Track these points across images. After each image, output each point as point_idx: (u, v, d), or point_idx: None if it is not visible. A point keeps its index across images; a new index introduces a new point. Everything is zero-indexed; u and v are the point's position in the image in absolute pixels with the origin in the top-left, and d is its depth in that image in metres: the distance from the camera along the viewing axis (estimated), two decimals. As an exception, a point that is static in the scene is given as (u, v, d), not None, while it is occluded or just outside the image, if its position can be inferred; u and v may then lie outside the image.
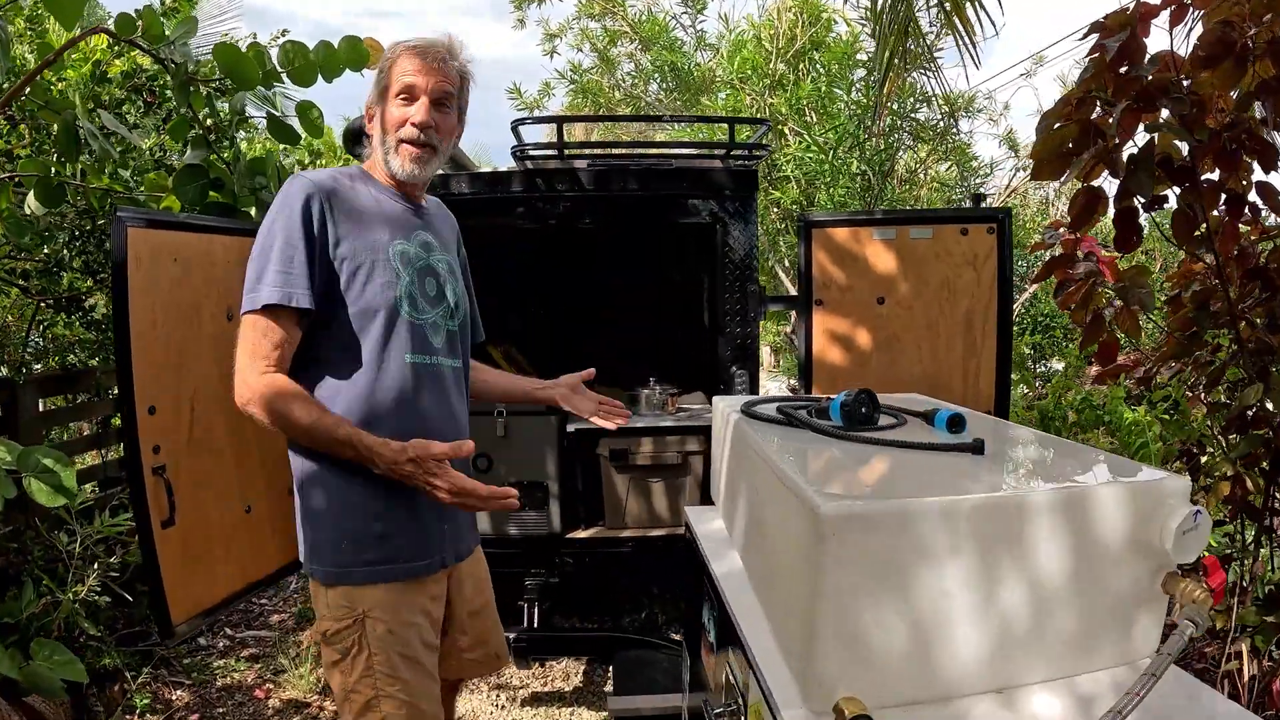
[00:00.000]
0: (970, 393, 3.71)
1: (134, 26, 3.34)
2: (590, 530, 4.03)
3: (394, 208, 2.02)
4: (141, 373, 2.77)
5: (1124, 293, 3.59)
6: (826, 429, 1.77)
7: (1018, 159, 10.87)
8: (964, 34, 4.79)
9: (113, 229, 2.71)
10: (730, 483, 2.05)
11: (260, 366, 1.79)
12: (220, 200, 3.57)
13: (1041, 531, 1.32)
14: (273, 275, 1.80)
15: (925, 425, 1.90)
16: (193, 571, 2.98)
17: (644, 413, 4.13)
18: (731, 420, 2.03)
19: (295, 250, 1.82)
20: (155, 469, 2.83)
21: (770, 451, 1.63)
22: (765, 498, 1.62)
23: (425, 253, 2.03)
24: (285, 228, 1.83)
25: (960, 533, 1.27)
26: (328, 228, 1.86)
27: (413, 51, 1.95)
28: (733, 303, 3.73)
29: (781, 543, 1.49)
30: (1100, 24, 3.43)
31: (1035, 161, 3.46)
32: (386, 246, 1.93)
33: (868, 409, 1.83)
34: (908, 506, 1.26)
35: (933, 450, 1.61)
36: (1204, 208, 3.40)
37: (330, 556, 1.90)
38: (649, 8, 10.60)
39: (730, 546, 2.02)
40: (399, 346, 1.92)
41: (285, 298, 1.80)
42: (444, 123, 2.00)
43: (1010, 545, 1.31)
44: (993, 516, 1.30)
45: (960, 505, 1.28)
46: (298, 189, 1.87)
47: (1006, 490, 1.39)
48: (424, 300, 1.98)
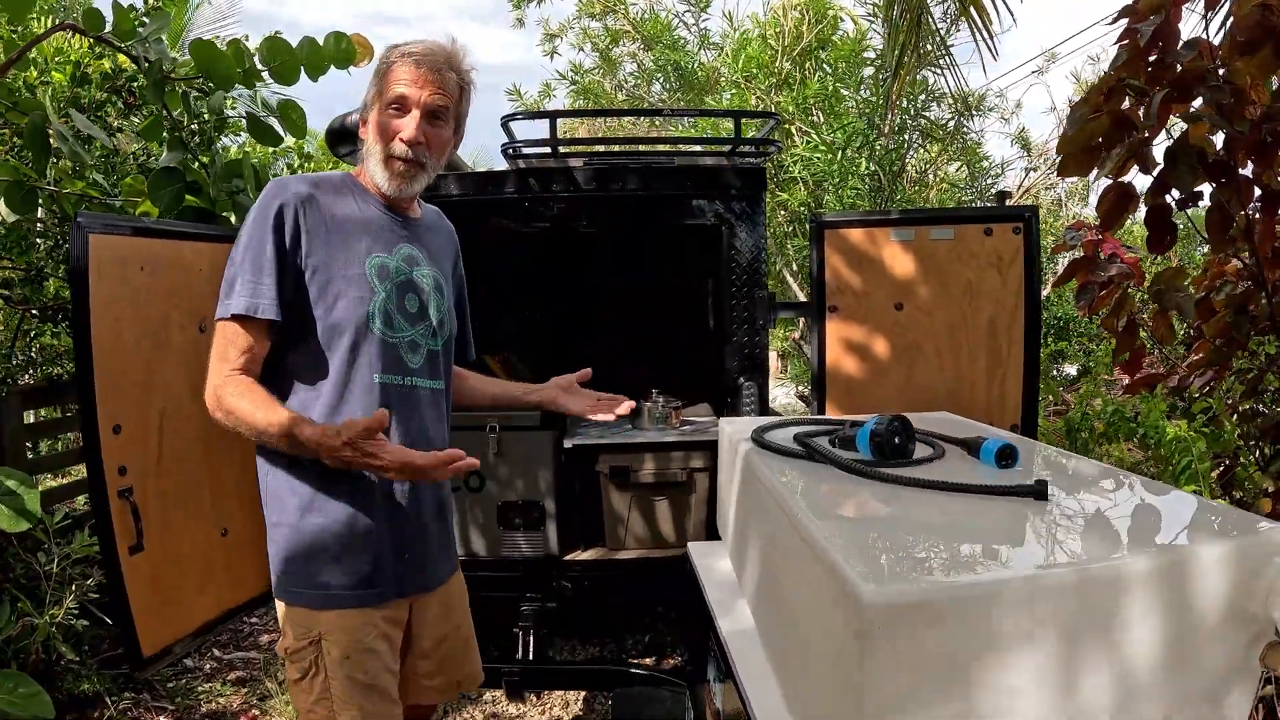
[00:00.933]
0: (995, 406, 3.49)
1: (102, 22, 3.16)
2: (589, 552, 3.81)
3: (378, 218, 1.95)
4: (105, 389, 2.62)
5: (1160, 297, 3.37)
6: (856, 466, 1.54)
7: (1029, 158, 10.66)
8: (980, 24, 4.58)
9: (71, 235, 2.53)
10: (740, 524, 1.82)
11: (224, 370, 1.79)
12: (198, 204, 3.39)
13: (1134, 607, 1.09)
14: (241, 284, 1.78)
15: (967, 456, 1.67)
16: (164, 600, 2.82)
17: (646, 427, 3.91)
18: (741, 450, 1.79)
19: (264, 260, 1.79)
20: (121, 491, 2.67)
21: (791, 502, 1.39)
22: (785, 557, 1.40)
23: (408, 266, 1.95)
24: (257, 236, 1.80)
25: (1039, 616, 1.05)
26: (300, 238, 1.82)
27: (410, 59, 1.88)
28: (740, 309, 3.52)
29: (808, 622, 1.26)
30: (1131, 8, 3.23)
31: (1062, 156, 3.26)
32: (363, 259, 1.87)
33: (901, 439, 1.60)
34: (975, 589, 1.02)
35: (988, 495, 1.37)
36: (1243, 204, 3.20)
37: (287, 573, 1.87)
38: (651, 6, 10.42)
39: (739, 595, 1.78)
40: (367, 365, 1.86)
41: (251, 308, 1.77)
42: (436, 138, 1.93)
43: (1095, 626, 1.09)
44: (1078, 594, 1.07)
45: (1041, 583, 1.04)
46: (271, 196, 1.83)
47: (1093, 560, 1.15)
48: (401, 317, 1.92)
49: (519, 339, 4.86)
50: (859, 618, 0.99)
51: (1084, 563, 1.14)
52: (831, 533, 1.24)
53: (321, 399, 1.83)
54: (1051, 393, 4.40)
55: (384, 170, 1.91)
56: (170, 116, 3.34)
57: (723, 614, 1.73)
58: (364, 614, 1.86)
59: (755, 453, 1.72)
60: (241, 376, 1.78)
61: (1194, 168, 3.03)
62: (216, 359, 1.81)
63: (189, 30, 6.19)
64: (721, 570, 1.96)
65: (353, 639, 1.83)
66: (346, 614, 1.84)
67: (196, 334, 2.91)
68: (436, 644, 2.06)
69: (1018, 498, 1.38)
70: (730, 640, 1.62)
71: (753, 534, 1.67)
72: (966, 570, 1.11)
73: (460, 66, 1.94)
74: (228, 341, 1.79)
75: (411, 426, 1.92)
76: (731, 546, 1.94)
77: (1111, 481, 1.59)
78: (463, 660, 2.17)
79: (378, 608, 1.88)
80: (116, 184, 4.08)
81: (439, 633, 2.06)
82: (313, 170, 7.20)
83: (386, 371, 1.87)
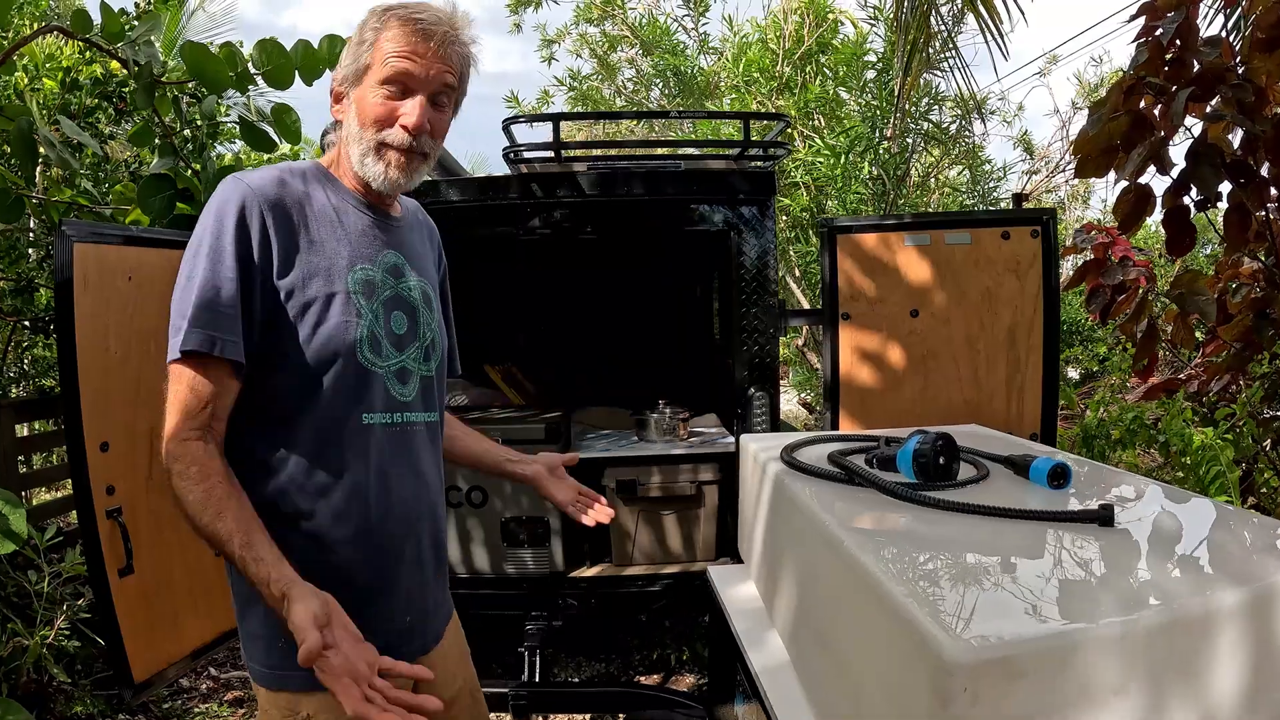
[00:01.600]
0: (1014, 416, 3.38)
1: (89, 24, 3.06)
2: (596, 568, 3.70)
3: (358, 221, 1.59)
4: (91, 405, 2.52)
5: (1181, 300, 3.28)
6: (903, 491, 1.41)
7: (1031, 161, 10.59)
8: (990, 24, 4.49)
9: (55, 244, 2.43)
10: (771, 550, 1.69)
11: (182, 431, 1.40)
12: (189, 212, 3.29)
13: (1222, 644, 0.99)
14: (197, 312, 1.39)
15: (1014, 475, 1.56)
16: (156, 623, 2.72)
17: (653, 438, 3.80)
18: (770, 470, 1.67)
19: (226, 281, 1.41)
20: (110, 512, 2.57)
21: (845, 537, 1.25)
22: (837, 596, 1.27)
23: (394, 279, 1.62)
24: (216, 249, 1.42)
25: (1128, 662, 0.94)
26: (271, 250, 1.46)
27: (410, 26, 1.50)
28: (750, 318, 3.41)
29: (869, 669, 1.14)
30: (1150, 6, 3.14)
31: (1080, 158, 3.17)
32: (345, 274, 1.52)
33: (946, 459, 1.49)
34: (1063, 639, 0.91)
35: (1052, 521, 1.26)
36: (1261, 204, 3.11)
37: (265, 656, 1.54)
38: (650, 11, 10.34)
39: (768, 625, 1.66)
40: (358, 405, 1.53)
41: (208, 343, 1.39)
42: (439, 124, 1.58)
43: (1183, 667, 0.98)
44: (1167, 636, 0.97)
45: (1132, 628, 0.93)
46: (233, 197, 1.45)
47: (1180, 599, 1.04)
48: (389, 342, 1.58)
49: (521, 349, 4.76)
50: (941, 678, 0.88)
51: (1171, 602, 1.03)
52: (895, 575, 1.12)
53: (299, 445, 1.50)
54: (1066, 398, 4.30)
55: (376, 161, 1.54)
56: (161, 122, 3.24)
57: (752, 645, 1.60)
58: None
59: (787, 474, 1.60)
60: (198, 446, 1.39)
61: (1217, 168, 2.95)
62: (170, 412, 1.42)
63: (182, 37, 6.09)
64: (746, 596, 1.84)
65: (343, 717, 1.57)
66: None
67: (188, 346, 2.80)
68: (447, 706, 1.70)
69: (1082, 523, 1.26)
70: (763, 675, 1.50)
71: (788, 563, 1.55)
72: (1051, 618, 1.00)
73: (465, 38, 1.58)
74: (186, 389, 1.40)
75: (408, 471, 1.62)
76: (758, 572, 1.82)
77: (1171, 501, 1.49)
78: (474, 713, 1.91)
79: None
80: (107, 192, 3.99)
81: (449, 693, 1.78)
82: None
83: (376, 410, 1.56)
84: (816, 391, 9.15)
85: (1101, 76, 10.62)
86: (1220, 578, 1.12)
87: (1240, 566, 1.17)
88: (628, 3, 10.30)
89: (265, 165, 1.61)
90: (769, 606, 1.73)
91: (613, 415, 4.34)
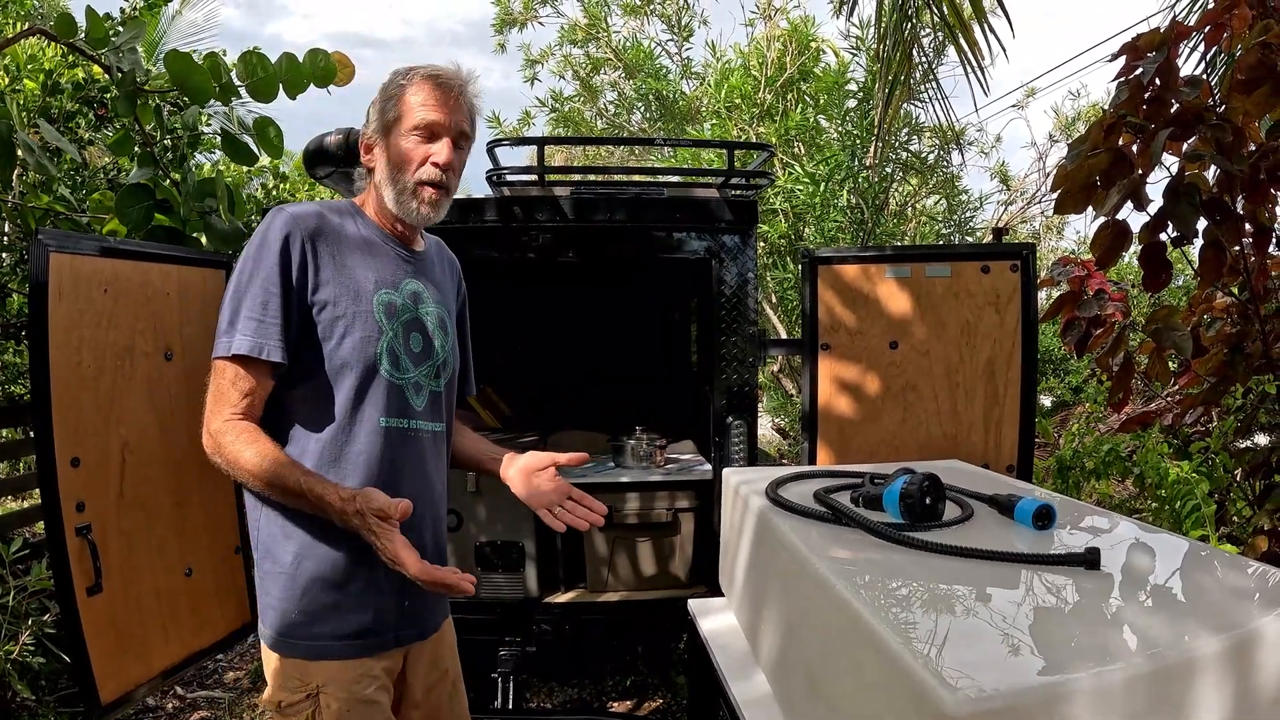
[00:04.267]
0: (992, 448, 3.39)
1: (74, 28, 3.02)
2: (570, 594, 3.66)
3: (384, 252, 1.85)
4: (63, 419, 2.47)
5: (1158, 335, 3.31)
6: (889, 533, 1.42)
7: (1008, 192, 10.71)
8: (971, 57, 4.53)
9: (31, 252, 2.38)
10: (754, 586, 1.69)
11: (224, 413, 1.67)
12: (167, 223, 3.24)
13: (1210, 689, 1.01)
14: (245, 321, 1.67)
15: (999, 515, 1.56)
16: (125, 643, 2.67)
17: (630, 465, 3.78)
18: (754, 506, 1.66)
19: (271, 295, 1.67)
20: (79, 529, 2.52)
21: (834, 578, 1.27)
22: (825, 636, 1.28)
23: (413, 304, 1.86)
24: (264, 267, 1.68)
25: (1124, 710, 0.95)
26: (308, 271, 1.72)
27: (431, 82, 1.78)
28: (730, 346, 3.41)
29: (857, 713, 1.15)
30: (1132, 45, 3.20)
31: (1060, 193, 3.20)
32: (371, 296, 1.77)
33: (932, 499, 1.49)
34: (1064, 688, 0.91)
35: (1039, 564, 1.27)
36: (1237, 240, 3.17)
37: (282, 624, 1.75)
38: (634, 34, 10.38)
39: (751, 661, 1.65)
40: (373, 408, 1.76)
41: (256, 349, 1.66)
42: (460, 163, 1.86)
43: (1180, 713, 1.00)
44: (1166, 682, 0.98)
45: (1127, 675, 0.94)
46: (279, 225, 1.71)
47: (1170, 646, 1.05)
48: (407, 357, 1.82)
49: (500, 373, 4.72)
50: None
51: (1164, 649, 1.04)
52: (889, 621, 1.12)
53: (323, 442, 1.74)
54: (1041, 429, 4.34)
55: (411, 199, 1.80)
56: (142, 130, 3.20)
57: (735, 679, 1.60)
58: (363, 664, 1.76)
59: (773, 511, 1.59)
60: (243, 423, 1.67)
61: (1195, 206, 2.99)
62: (215, 400, 1.68)
63: (164, 43, 6.03)
64: (727, 630, 1.83)
65: (351, 691, 1.74)
66: (345, 665, 1.74)
67: (162, 362, 2.76)
68: (427, 692, 1.97)
69: (1069, 566, 1.27)
70: (746, 709, 1.49)
71: (773, 600, 1.54)
72: (1047, 667, 1.01)
73: (474, 91, 1.86)
74: (228, 383, 1.68)
75: (414, 471, 1.84)
76: (740, 606, 1.81)
77: (1154, 543, 1.51)
78: (452, 707, 2.07)
79: (377, 658, 1.79)
80: (84, 199, 3.93)
81: (430, 680, 1.97)
82: (288, 190, 7.04)
83: (391, 415, 1.78)
84: (792, 418, 9.18)
85: (1079, 110, 10.78)
86: (1209, 623, 1.14)
87: (1226, 611, 1.18)
88: (612, 26, 10.34)
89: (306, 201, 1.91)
90: (752, 641, 1.73)
91: (589, 440, 4.32)
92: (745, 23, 9.74)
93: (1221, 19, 3.23)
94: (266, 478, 1.63)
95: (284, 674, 1.74)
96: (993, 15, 4.63)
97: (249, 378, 1.67)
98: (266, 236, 1.70)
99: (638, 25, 10.38)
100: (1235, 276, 3.36)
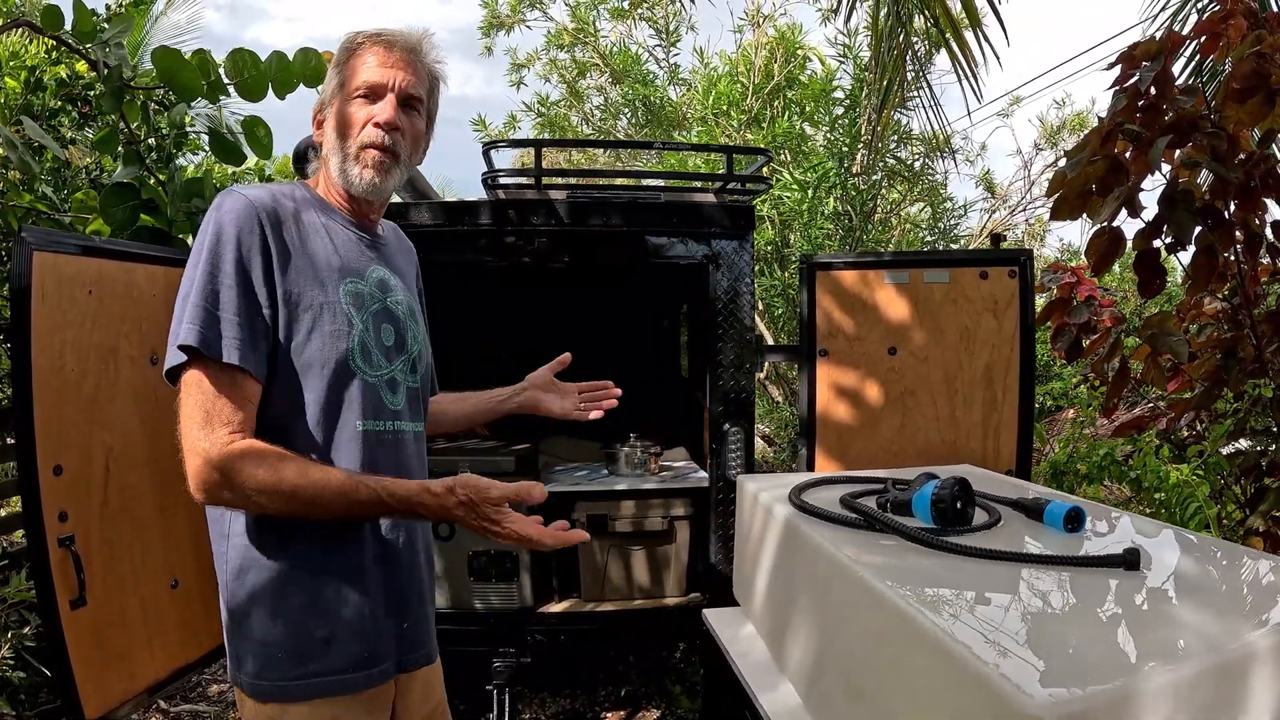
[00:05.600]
0: (991, 454, 3.37)
1: (61, 21, 2.95)
2: (565, 603, 3.60)
3: (345, 237, 1.66)
4: (46, 425, 2.38)
5: (1154, 340, 3.31)
6: (930, 539, 1.38)
7: (993, 199, 10.76)
8: (965, 65, 4.53)
9: (14, 251, 2.30)
10: (780, 595, 1.64)
11: (220, 435, 1.42)
12: (153, 224, 3.17)
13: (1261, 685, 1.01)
14: (229, 322, 1.45)
15: (1027, 519, 1.53)
16: (109, 658, 2.57)
17: (623, 472, 3.73)
18: (777, 514, 1.62)
19: (226, 290, 1.46)
20: (62, 540, 2.43)
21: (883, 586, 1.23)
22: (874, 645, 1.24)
23: (382, 293, 1.67)
24: (229, 258, 1.47)
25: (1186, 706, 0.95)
26: (271, 259, 1.51)
27: (377, 42, 1.62)
28: (726, 352, 3.36)
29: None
30: (1128, 54, 3.19)
31: (1057, 200, 3.19)
32: (337, 285, 1.57)
33: (963, 504, 1.45)
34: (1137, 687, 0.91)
35: (1081, 566, 1.24)
36: (1230, 246, 3.17)
37: (259, 669, 1.53)
38: (621, 40, 10.36)
39: (776, 671, 1.60)
40: (349, 412, 1.57)
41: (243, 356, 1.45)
42: (411, 127, 1.66)
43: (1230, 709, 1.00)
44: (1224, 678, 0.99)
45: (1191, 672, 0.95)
46: (232, 208, 1.50)
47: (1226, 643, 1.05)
48: (379, 352, 1.63)
49: (490, 378, 4.66)
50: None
51: (1219, 646, 1.05)
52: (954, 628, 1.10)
53: (297, 451, 1.50)
54: (1036, 434, 4.34)
55: (355, 165, 1.62)
56: (128, 128, 3.13)
57: (763, 692, 1.54)
58: (360, 700, 1.58)
59: (800, 519, 1.55)
60: (251, 440, 1.45)
61: (1192, 212, 3.00)
62: (201, 421, 1.43)
63: (148, 42, 5.94)
64: (749, 642, 1.77)
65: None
66: (335, 702, 1.55)
67: (148, 366, 2.68)
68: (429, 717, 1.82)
69: (1110, 568, 1.24)
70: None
71: (804, 609, 1.49)
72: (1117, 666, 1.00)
73: (431, 56, 1.70)
74: (214, 397, 1.43)
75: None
76: (763, 617, 1.76)
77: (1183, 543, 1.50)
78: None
79: (375, 690, 1.61)
80: (67, 198, 3.85)
81: (424, 711, 1.80)
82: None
83: (369, 417, 1.60)
84: (777, 425, 9.15)
85: (1064, 119, 10.84)
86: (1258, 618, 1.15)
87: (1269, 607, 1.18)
88: (600, 30, 10.31)
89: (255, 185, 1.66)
90: (775, 650, 1.68)
91: (581, 447, 4.27)
92: (733, 29, 9.76)
93: (1217, 29, 3.24)
94: (326, 495, 1.43)
95: (260, 717, 1.55)
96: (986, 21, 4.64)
97: (238, 387, 1.46)
98: (220, 222, 1.50)
99: (625, 30, 10.37)
100: (1225, 282, 3.37)
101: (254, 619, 1.53)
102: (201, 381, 1.43)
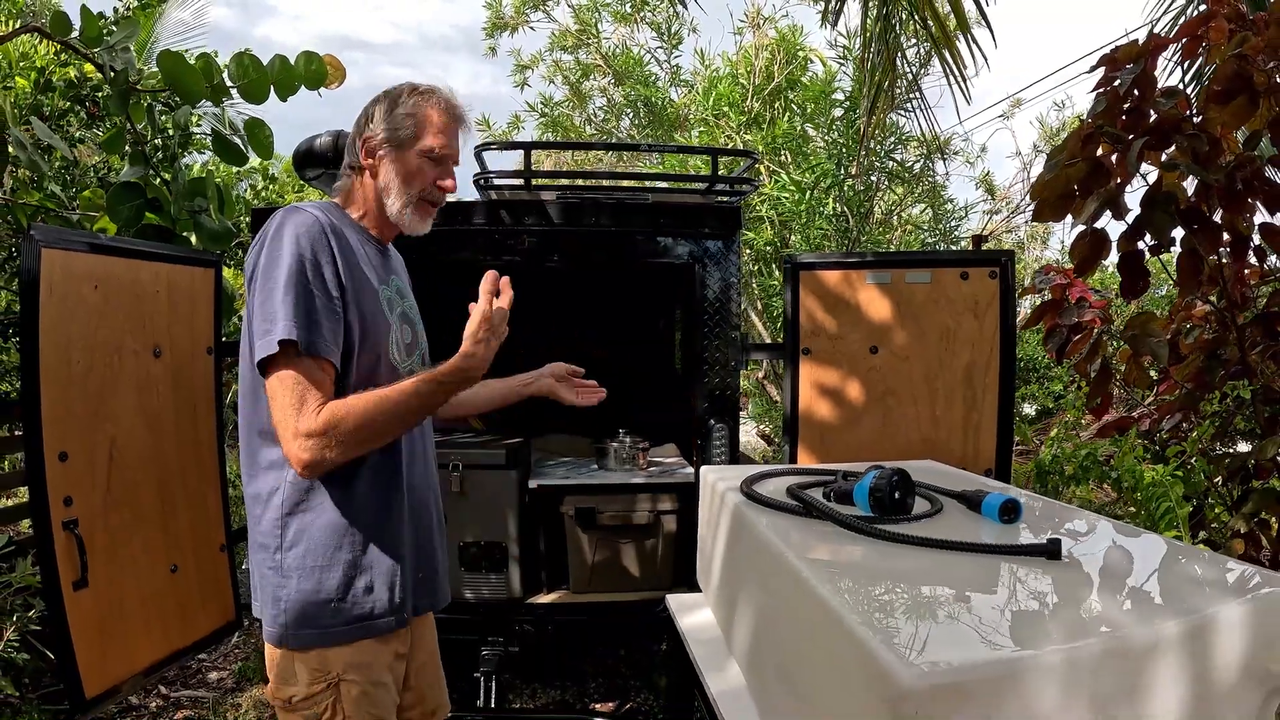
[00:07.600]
0: (970, 453, 3.44)
1: (69, 26, 3.05)
2: (553, 594, 3.70)
3: (373, 251, 1.91)
4: (52, 414, 2.49)
5: (1135, 342, 3.37)
6: (858, 525, 1.47)
7: (993, 202, 10.81)
8: (955, 69, 4.60)
9: (23, 248, 2.40)
10: (729, 579, 1.73)
11: (312, 408, 1.63)
12: (158, 222, 3.26)
13: (1160, 672, 1.05)
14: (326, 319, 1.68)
15: (967, 510, 1.61)
16: (109, 639, 2.68)
17: (612, 467, 3.82)
18: (729, 501, 1.71)
19: (325, 292, 1.69)
20: (66, 523, 2.53)
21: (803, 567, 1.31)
22: (795, 625, 1.32)
23: (400, 298, 1.96)
24: (311, 265, 1.68)
25: (1075, 688, 0.99)
26: (338, 266, 1.74)
27: (449, 111, 1.90)
28: (712, 350, 3.45)
29: (824, 696, 1.19)
30: (1110, 57, 3.26)
31: (1038, 202, 3.26)
32: (376, 290, 1.84)
33: (901, 494, 1.54)
34: (1015, 665, 0.96)
35: (1001, 554, 1.31)
36: (1213, 249, 3.22)
37: (297, 615, 1.73)
38: (624, 41, 10.44)
39: (726, 653, 1.69)
40: None
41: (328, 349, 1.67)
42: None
43: (1129, 695, 1.04)
44: (1110, 664, 1.02)
45: (1077, 655, 0.98)
46: (304, 223, 1.71)
47: (1122, 628, 1.10)
48: (404, 347, 1.91)
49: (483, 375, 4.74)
50: (896, 702, 0.93)
51: (1113, 631, 1.09)
52: (850, 604, 1.17)
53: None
54: (1021, 434, 4.40)
55: (414, 213, 1.89)
56: (134, 129, 3.22)
57: (710, 673, 1.64)
58: (381, 645, 1.79)
59: (746, 506, 1.64)
60: (332, 403, 1.64)
61: (1170, 214, 3.05)
62: (295, 408, 1.62)
63: (154, 41, 6.04)
64: (704, 624, 1.87)
65: (370, 674, 1.76)
66: (367, 647, 1.76)
67: (151, 360, 2.78)
68: (417, 672, 1.99)
69: (1031, 557, 1.32)
70: (721, 702, 1.53)
71: (746, 592, 1.58)
72: (998, 645, 1.05)
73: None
74: (310, 386, 1.63)
75: (421, 455, 1.94)
76: (716, 601, 1.85)
77: (1118, 536, 1.55)
78: (435, 688, 2.10)
79: (389, 637, 1.81)
80: (74, 197, 3.95)
81: (419, 660, 1.99)
82: (276, 192, 7.06)
83: None
84: (775, 424, 9.22)
85: (1064, 121, 10.89)
86: (1160, 609, 1.18)
87: (1180, 598, 1.22)
88: (602, 32, 10.40)
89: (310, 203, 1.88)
90: (727, 635, 1.77)
91: (572, 442, 4.35)
92: (734, 31, 9.83)
93: (1199, 31, 3.29)
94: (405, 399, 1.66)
95: (298, 668, 1.72)
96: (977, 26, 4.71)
97: (324, 374, 1.66)
98: (302, 236, 1.69)
99: (628, 32, 10.45)
100: (1214, 285, 3.42)
101: (308, 577, 1.73)
102: (295, 372, 1.63)
